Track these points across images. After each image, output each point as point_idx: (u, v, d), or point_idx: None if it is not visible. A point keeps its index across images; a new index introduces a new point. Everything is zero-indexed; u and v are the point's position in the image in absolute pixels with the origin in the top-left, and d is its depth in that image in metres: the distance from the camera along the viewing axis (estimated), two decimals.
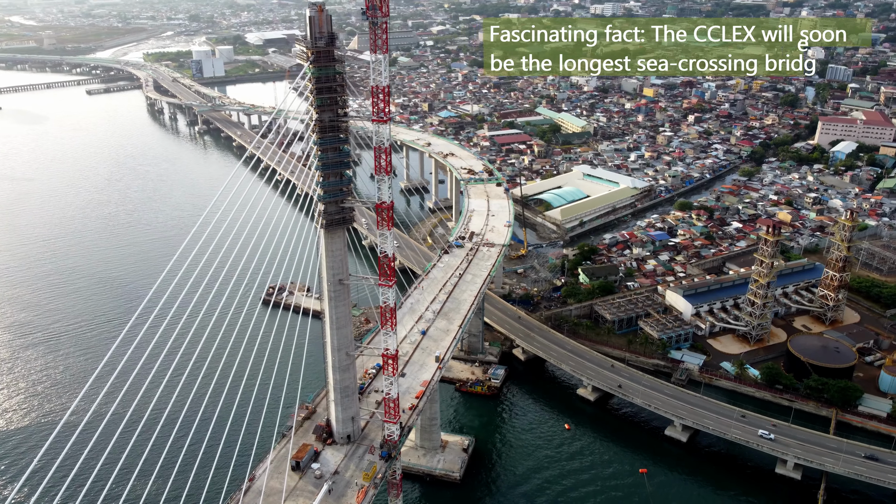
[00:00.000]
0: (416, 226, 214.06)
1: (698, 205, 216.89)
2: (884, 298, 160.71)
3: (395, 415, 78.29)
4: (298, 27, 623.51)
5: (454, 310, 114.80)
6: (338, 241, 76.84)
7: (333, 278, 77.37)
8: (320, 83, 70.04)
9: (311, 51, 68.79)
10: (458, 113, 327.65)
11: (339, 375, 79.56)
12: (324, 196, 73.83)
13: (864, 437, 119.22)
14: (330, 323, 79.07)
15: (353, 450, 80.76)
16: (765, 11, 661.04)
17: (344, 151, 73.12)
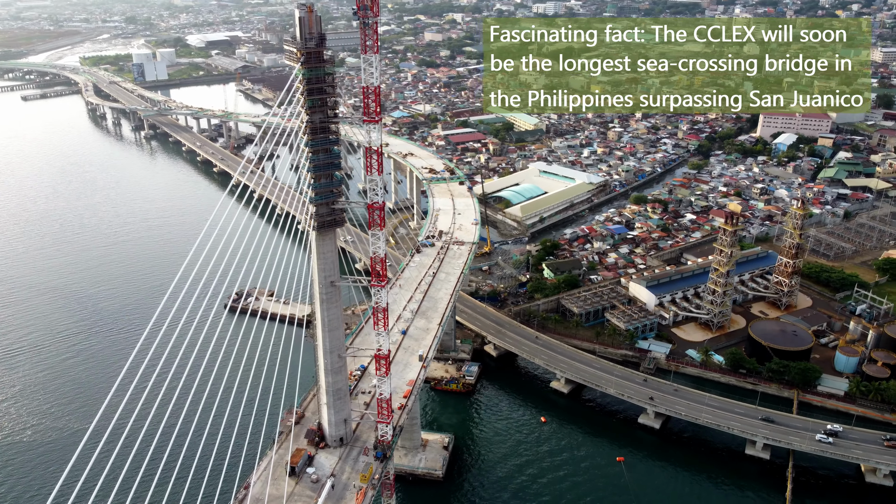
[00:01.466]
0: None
1: (652, 198, 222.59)
2: (833, 283, 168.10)
3: (389, 415, 78.39)
4: (241, 28, 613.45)
5: (432, 308, 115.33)
6: (329, 243, 76.46)
7: (325, 280, 76.96)
8: (311, 84, 69.42)
9: (302, 51, 68.22)
10: (411, 113, 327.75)
11: (332, 378, 79.17)
12: (315, 198, 73.24)
13: (825, 415, 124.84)
14: (322, 325, 78.60)
15: (346, 452, 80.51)
16: (700, 10, 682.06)
17: (334, 153, 72.71)
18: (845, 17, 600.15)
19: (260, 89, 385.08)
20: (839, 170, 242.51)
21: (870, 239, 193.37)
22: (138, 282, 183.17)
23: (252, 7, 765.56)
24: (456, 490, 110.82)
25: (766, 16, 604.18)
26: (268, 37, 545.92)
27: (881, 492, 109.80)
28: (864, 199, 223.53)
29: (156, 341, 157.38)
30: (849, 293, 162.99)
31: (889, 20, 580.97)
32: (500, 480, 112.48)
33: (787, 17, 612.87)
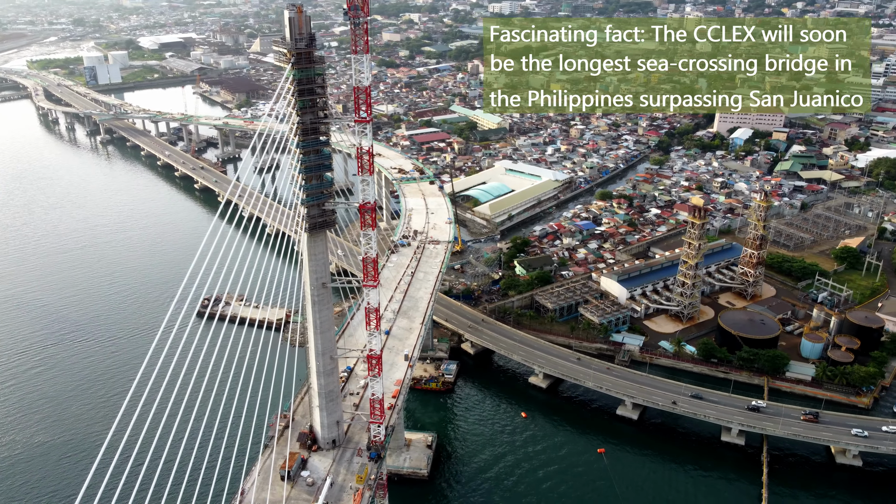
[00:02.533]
0: (347, 228, 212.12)
1: (617, 194, 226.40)
2: (794, 272, 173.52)
3: (382, 415, 78.39)
4: (194, 30, 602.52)
5: (413, 308, 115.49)
6: (320, 245, 76.02)
7: (317, 282, 76.51)
8: (301, 85, 68.93)
9: (292, 52, 67.69)
10: (374, 113, 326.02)
11: (325, 380, 78.76)
12: (307, 199, 72.79)
13: (794, 400, 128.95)
14: (314, 327, 78.14)
15: (340, 454, 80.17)
16: (652, 8, 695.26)
17: (324, 154, 72.35)
18: (791, 16, 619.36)
19: (218, 91, 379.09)
20: (794, 163, 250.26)
21: (826, 229, 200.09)
22: (103, 290, 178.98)
23: (205, 8, 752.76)
24: (442, 488, 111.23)
25: (715, 14, 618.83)
26: (223, 38, 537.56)
27: (851, 472, 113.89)
28: (819, 191, 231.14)
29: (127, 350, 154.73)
30: (810, 282, 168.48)
31: (832, 17, 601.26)
32: (485, 476, 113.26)
33: (737, 16, 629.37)
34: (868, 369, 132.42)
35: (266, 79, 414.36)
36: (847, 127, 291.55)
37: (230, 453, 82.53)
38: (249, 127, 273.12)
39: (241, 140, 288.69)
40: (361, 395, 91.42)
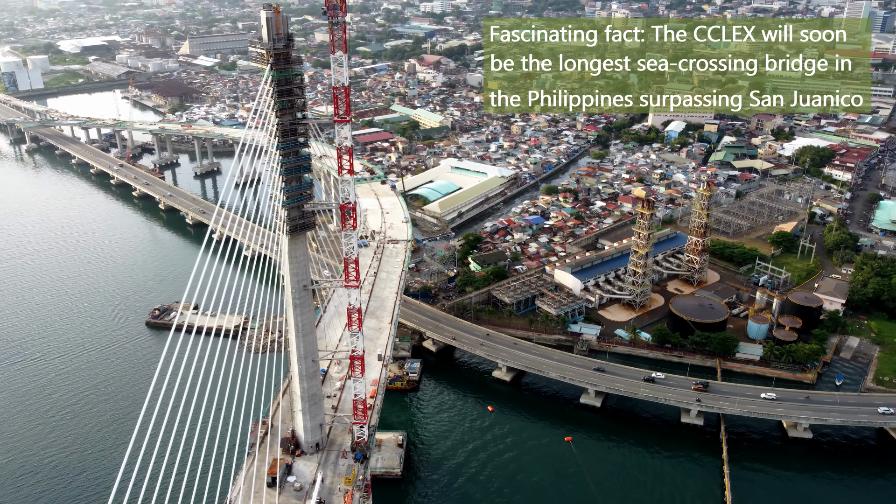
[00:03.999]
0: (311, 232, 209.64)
1: (563, 188, 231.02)
2: (735, 258, 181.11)
3: (365, 415, 78.32)
4: (118, 33, 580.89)
5: (380, 308, 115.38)
6: (301, 247, 75.29)
7: (297, 284, 75.72)
8: (280, 86, 68.09)
9: (270, 53, 66.80)
10: (314, 114, 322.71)
11: (307, 384, 78.06)
12: (287, 201, 71.97)
13: (746, 379, 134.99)
14: (295, 330, 77.26)
15: (324, 457, 79.62)
16: (580, 7, 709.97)
17: (303, 155, 71.70)
18: (711, 13, 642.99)
19: (149, 96, 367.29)
20: (727, 153, 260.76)
21: (761, 215, 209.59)
22: (40, 304, 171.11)
23: (126, 10, 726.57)
24: (416, 486, 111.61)
25: (640, 12, 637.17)
26: (149, 41, 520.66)
27: (803, 444, 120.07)
28: (751, 179, 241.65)
29: (74, 367, 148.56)
30: (751, 266, 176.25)
31: (749, 14, 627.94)
32: (458, 471, 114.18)
33: (661, 14, 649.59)
34: (811, 346, 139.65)
35: (198, 81, 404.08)
36: (772, 118, 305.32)
37: (208, 466, 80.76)
38: (188, 131, 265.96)
39: (178, 145, 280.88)
40: (339, 397, 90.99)
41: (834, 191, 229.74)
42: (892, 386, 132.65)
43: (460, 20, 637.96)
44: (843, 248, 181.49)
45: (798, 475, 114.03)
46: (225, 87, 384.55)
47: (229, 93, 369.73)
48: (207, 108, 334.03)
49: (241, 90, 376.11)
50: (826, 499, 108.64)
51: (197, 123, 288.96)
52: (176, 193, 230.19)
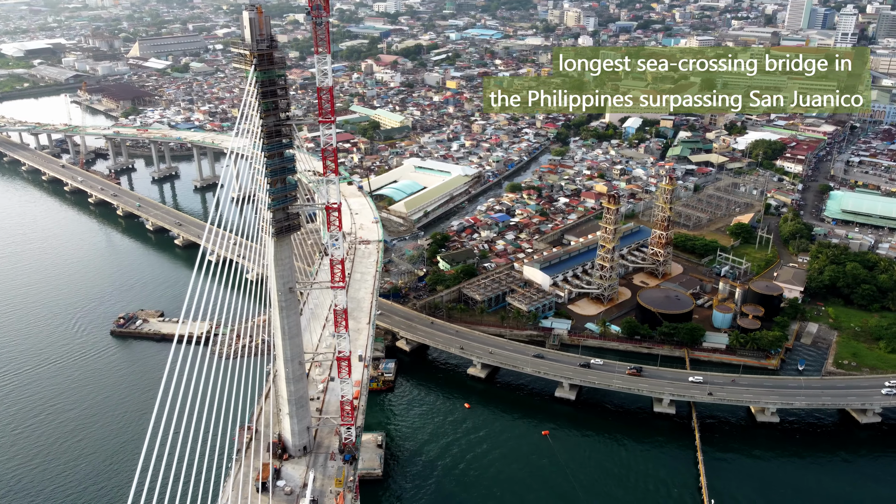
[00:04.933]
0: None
1: (526, 185, 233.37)
2: (697, 250, 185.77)
3: (353, 416, 78.19)
4: (63, 35, 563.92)
5: (357, 309, 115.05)
6: (286, 249, 74.67)
7: (283, 287, 75.08)
8: (264, 87, 67.46)
9: (254, 54, 66.09)
10: None
11: (294, 387, 77.48)
12: (272, 203, 71.31)
13: (713, 367, 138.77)
14: (281, 333, 76.61)
15: (312, 460, 79.20)
16: (532, 5, 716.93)
17: (288, 156, 71.17)
18: (660, 10, 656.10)
19: (100, 99, 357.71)
20: (683, 148, 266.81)
21: (719, 208, 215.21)
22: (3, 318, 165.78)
23: (70, 12, 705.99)
24: (397, 486, 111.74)
25: (591, 9, 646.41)
26: (97, 43, 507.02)
27: (770, 427, 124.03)
28: (708, 173, 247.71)
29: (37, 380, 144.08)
30: (712, 257, 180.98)
31: (697, 11, 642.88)
32: (438, 469, 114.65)
33: (611, 11, 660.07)
34: (774, 333, 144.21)
35: (151, 85, 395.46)
36: (724, 113, 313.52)
37: (190, 477, 79.51)
38: (144, 136, 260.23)
39: (133, 149, 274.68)
40: (323, 399, 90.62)
41: (786, 182, 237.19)
42: (850, 369, 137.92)
43: (415, 20, 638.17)
44: (798, 238, 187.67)
45: (768, 458, 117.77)
46: (179, 89, 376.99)
47: (184, 96, 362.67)
48: (162, 112, 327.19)
49: (195, 93, 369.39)
50: (795, 479, 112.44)
51: (152, 127, 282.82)
52: (135, 198, 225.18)
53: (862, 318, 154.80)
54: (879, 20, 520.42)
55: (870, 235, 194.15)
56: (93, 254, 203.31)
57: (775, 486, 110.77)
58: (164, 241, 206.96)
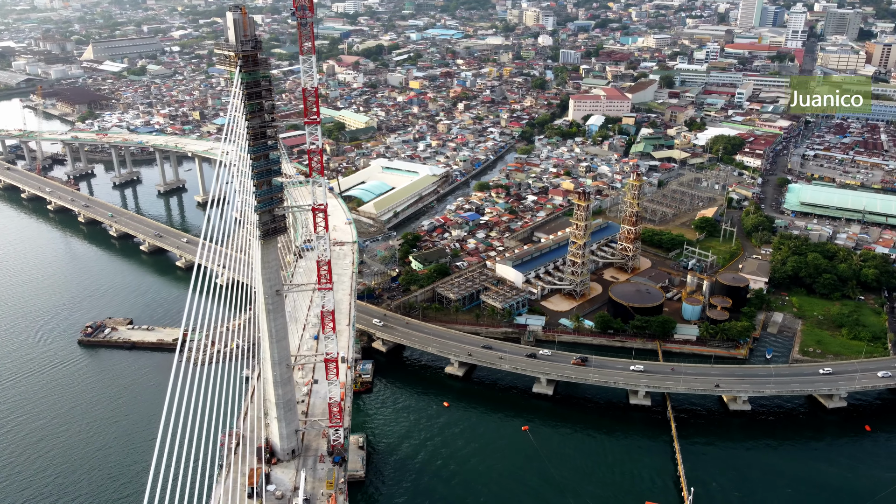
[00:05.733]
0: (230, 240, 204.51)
1: (494, 184, 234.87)
2: (664, 244, 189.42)
3: (341, 418, 77.93)
4: (11, 38, 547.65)
5: (336, 310, 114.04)
6: (273, 252, 74.01)
7: (270, 290, 74.36)
8: (250, 88, 66.74)
9: (239, 55, 65.31)
10: None
11: (282, 390, 76.87)
12: (259, 206, 70.58)
13: (685, 359, 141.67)
14: (269, 336, 75.88)
15: (301, 463, 78.66)
16: (491, 5, 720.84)
17: (273, 158, 70.58)
18: (616, 9, 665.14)
19: (55, 104, 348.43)
20: (646, 144, 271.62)
21: (683, 203, 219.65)
22: None
23: (18, 14, 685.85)
24: (380, 486, 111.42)
25: (549, 9, 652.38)
26: (48, 46, 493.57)
27: (743, 415, 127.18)
28: (671, 169, 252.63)
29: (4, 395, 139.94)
30: (679, 251, 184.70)
31: (652, 10, 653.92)
32: (420, 468, 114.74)
33: (569, 11, 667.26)
34: (742, 324, 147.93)
35: (107, 88, 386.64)
36: (684, 109, 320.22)
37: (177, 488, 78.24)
38: (103, 140, 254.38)
39: (92, 154, 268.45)
40: (307, 402, 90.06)
41: (746, 176, 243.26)
42: (816, 356, 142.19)
43: (374, 20, 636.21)
44: (760, 231, 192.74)
45: (741, 445, 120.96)
46: (136, 92, 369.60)
47: (142, 99, 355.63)
48: (120, 116, 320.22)
49: (154, 96, 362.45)
50: (768, 464, 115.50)
51: (111, 131, 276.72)
52: (94, 204, 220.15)
53: (824, 307, 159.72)
54: (827, 18, 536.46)
55: (828, 226, 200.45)
56: (55, 262, 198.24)
57: (750, 471, 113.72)
58: (129, 247, 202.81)
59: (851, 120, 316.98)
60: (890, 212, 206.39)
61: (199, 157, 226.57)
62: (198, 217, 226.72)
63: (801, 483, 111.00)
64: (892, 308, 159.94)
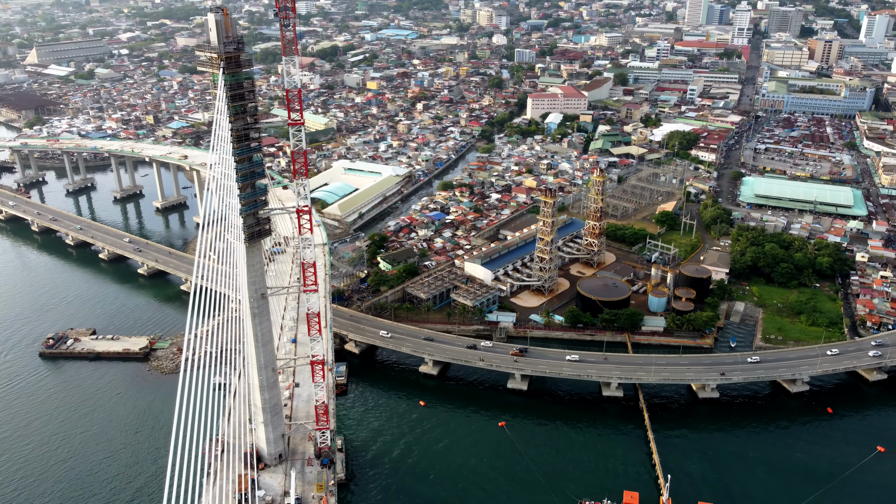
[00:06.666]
0: (191, 243, 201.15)
1: (457, 183, 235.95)
2: (627, 238, 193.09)
3: (328, 420, 77.59)
4: None
5: None
6: (257, 255, 73.18)
7: (255, 293, 73.55)
8: (233, 90, 65.86)
9: (221, 56, 64.40)
10: (191, 122, 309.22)
11: (268, 394, 76.14)
12: (244, 208, 69.74)
13: (654, 350, 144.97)
14: (255, 340, 75.03)
15: (289, 467, 78.02)
16: (444, 5, 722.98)
17: (256, 161, 69.85)
18: (567, 8, 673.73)
19: None
20: (604, 141, 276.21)
21: (643, 198, 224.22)
22: None
23: None
24: (361, 488, 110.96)
25: (502, 8, 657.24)
26: None
27: (711, 402, 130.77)
28: (629, 164, 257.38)
29: None
30: (642, 245, 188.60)
31: (602, 9, 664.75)
32: (400, 468, 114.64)
33: (521, 10, 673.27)
34: (707, 314, 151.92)
35: (54, 93, 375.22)
36: (639, 106, 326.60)
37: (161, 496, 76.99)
38: (55, 146, 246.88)
39: (43, 161, 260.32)
40: (290, 406, 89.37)
41: (702, 171, 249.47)
42: (778, 343, 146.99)
43: (327, 21, 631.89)
44: (719, 223, 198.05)
45: (712, 431, 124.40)
46: (86, 97, 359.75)
47: (92, 103, 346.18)
48: (70, 121, 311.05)
49: (104, 100, 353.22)
50: (738, 448, 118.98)
51: (63, 137, 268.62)
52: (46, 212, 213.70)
53: (783, 295, 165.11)
54: (770, 16, 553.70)
55: (782, 217, 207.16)
56: (9, 273, 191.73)
57: (721, 456, 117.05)
58: (87, 255, 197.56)
59: (798, 114, 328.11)
60: (839, 202, 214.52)
61: (157, 162, 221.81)
62: (157, 223, 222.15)
63: (771, 466, 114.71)
64: (846, 294, 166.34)
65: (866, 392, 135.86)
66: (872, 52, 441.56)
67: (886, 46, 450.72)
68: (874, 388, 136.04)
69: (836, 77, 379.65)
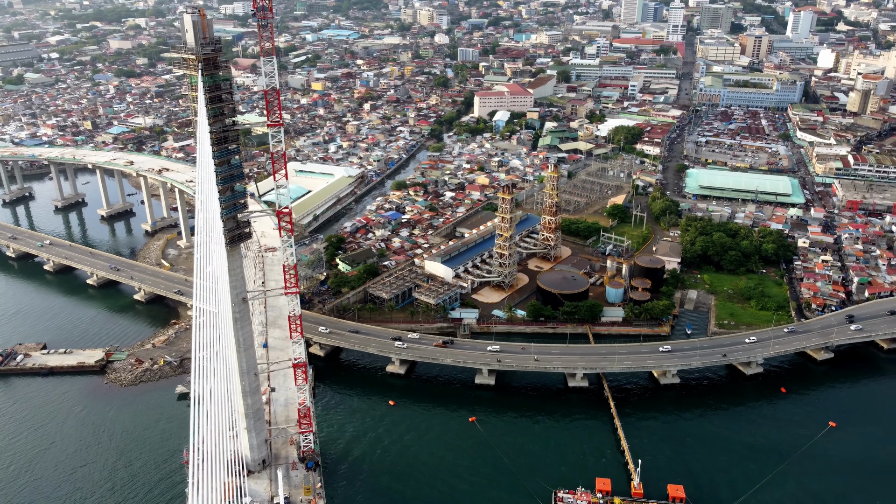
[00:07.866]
0: (140, 251, 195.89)
1: (410, 182, 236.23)
2: (581, 232, 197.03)
3: (310, 424, 77.10)
4: None
5: (280, 317, 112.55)
6: (238, 258, 72.14)
7: (237, 297, 72.50)
8: (211, 92, 64.73)
9: (199, 58, 63.24)
10: (132, 127, 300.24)
11: (251, 399, 75.16)
12: (224, 211, 68.62)
13: (614, 339, 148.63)
14: (237, 346, 73.93)
15: (273, 472, 77.14)
16: (384, 5, 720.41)
17: (235, 163, 68.84)
18: (507, 7, 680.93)
19: None
20: (552, 137, 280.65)
21: (594, 192, 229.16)
22: None
23: None
24: (335, 490, 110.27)
25: (444, 9, 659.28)
26: None
27: (673, 388, 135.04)
28: (577, 160, 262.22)
29: None
30: (596, 238, 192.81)
31: (541, 8, 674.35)
32: (375, 470, 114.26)
33: (461, 10, 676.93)
34: (663, 303, 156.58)
35: None
36: (584, 102, 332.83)
37: None
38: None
39: None
40: (269, 410, 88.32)
41: (648, 164, 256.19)
42: (731, 328, 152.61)
43: None
44: (668, 214, 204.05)
45: (675, 416, 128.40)
46: (16, 103, 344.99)
47: (23, 109, 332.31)
48: (1, 129, 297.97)
49: (37, 106, 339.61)
50: (700, 431, 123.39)
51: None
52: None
53: (732, 282, 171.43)
54: (702, 13, 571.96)
55: (726, 207, 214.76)
56: None
57: (686, 439, 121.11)
58: (29, 267, 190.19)
59: (734, 107, 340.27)
60: (779, 190, 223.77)
61: (101, 169, 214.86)
62: (103, 232, 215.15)
63: (732, 446, 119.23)
64: (791, 279, 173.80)
65: (815, 371, 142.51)
66: (799, 46, 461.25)
67: (812, 41, 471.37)
68: (822, 366, 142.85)
69: (767, 71, 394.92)
